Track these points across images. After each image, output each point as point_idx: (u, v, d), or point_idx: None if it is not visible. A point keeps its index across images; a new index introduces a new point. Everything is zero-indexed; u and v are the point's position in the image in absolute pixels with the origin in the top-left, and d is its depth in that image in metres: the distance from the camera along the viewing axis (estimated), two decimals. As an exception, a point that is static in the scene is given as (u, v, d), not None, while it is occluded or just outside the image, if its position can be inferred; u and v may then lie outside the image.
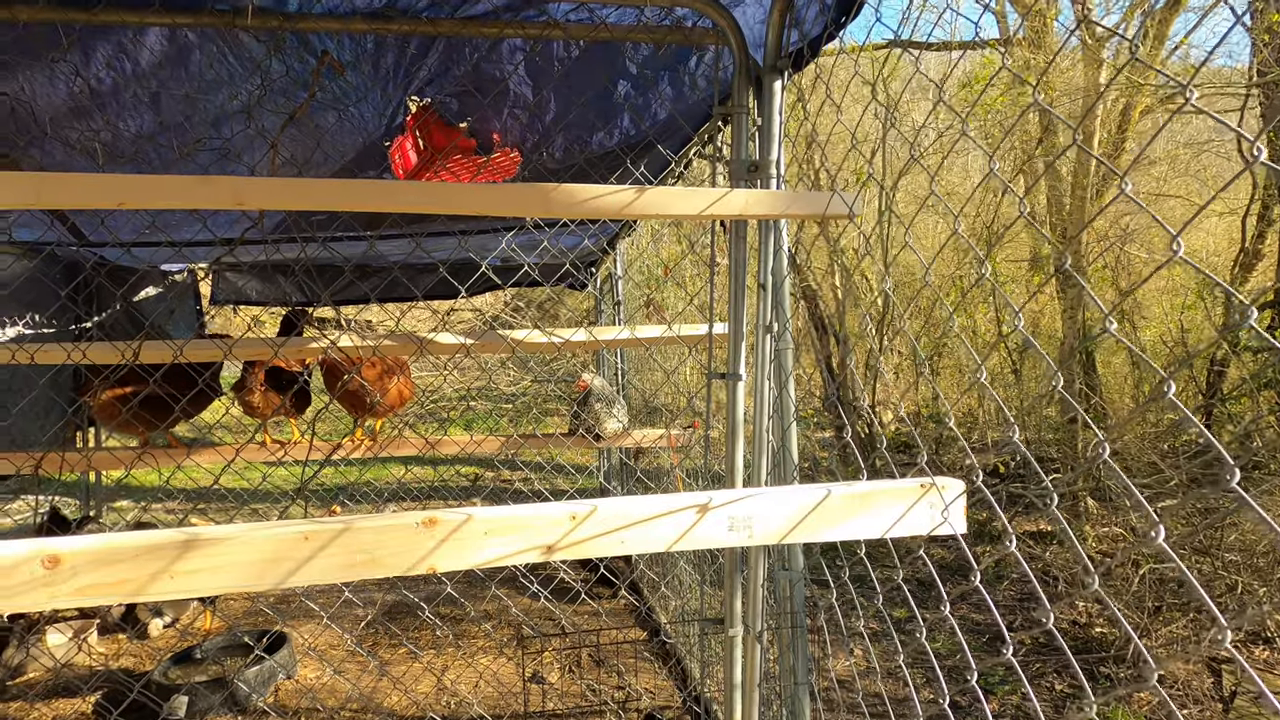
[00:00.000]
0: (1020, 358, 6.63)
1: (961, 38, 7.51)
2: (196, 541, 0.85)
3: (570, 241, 3.25)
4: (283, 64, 1.86)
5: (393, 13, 1.73)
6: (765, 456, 1.78)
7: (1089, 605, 4.30)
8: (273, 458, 2.24)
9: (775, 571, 1.91)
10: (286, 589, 2.02)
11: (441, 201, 1.40)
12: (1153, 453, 4.52)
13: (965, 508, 1.04)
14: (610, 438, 2.90)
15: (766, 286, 1.75)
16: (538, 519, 0.92)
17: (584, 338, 2.45)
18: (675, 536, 0.95)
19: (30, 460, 1.97)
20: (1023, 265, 7.56)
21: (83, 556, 0.82)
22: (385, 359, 2.69)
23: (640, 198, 1.35)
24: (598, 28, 1.79)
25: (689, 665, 3.14)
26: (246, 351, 2.15)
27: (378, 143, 2.18)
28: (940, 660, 3.59)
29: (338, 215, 2.38)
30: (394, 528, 0.89)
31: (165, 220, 2.36)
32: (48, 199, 1.24)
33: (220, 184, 1.32)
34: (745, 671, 1.89)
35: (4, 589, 0.80)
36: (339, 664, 3.39)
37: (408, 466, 7.20)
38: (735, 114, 1.78)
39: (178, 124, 1.98)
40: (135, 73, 1.83)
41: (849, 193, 1.49)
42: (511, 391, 10.62)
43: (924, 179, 7.86)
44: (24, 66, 1.74)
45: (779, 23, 1.68)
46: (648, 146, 2.27)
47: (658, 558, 3.73)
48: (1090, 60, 5.69)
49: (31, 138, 1.93)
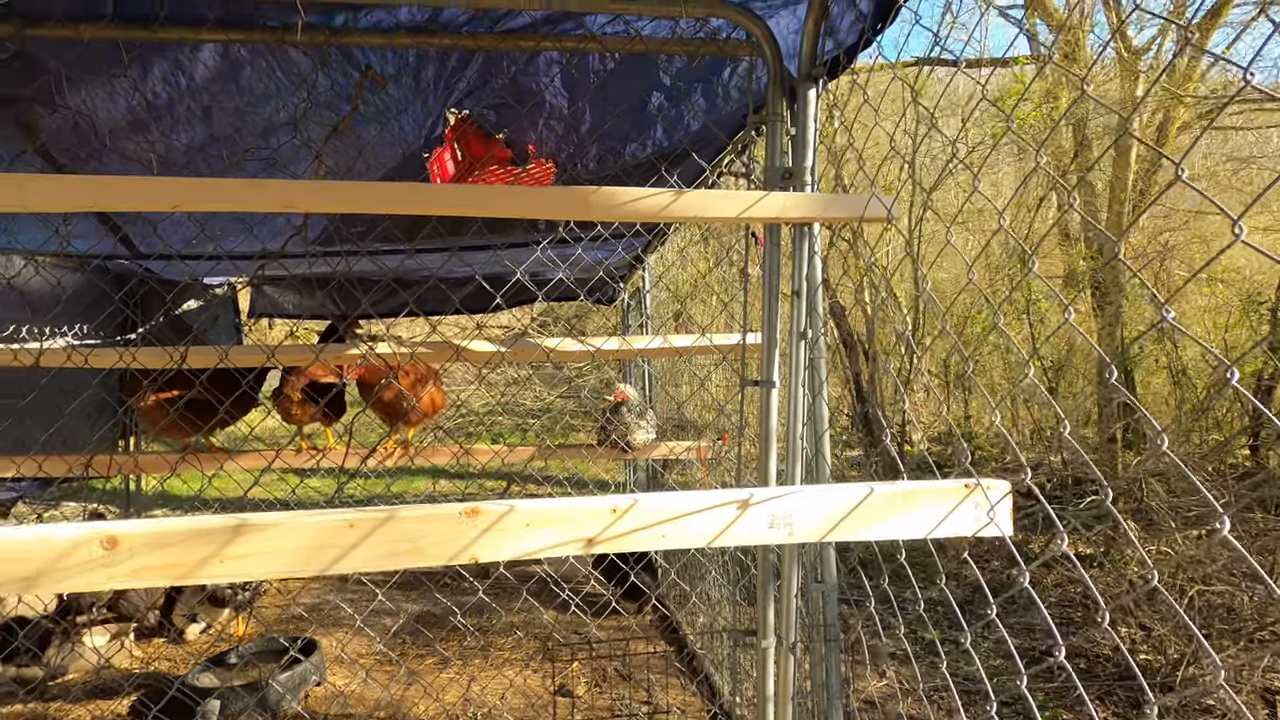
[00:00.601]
0: (1056, 375, 6.49)
1: (991, 54, 7.48)
2: (246, 527, 0.87)
3: (602, 254, 3.28)
4: (328, 78, 1.92)
5: (435, 27, 1.78)
6: (799, 464, 1.76)
7: (1132, 631, 4.15)
8: (311, 463, 2.28)
9: (809, 584, 1.89)
10: (331, 574, 2.02)
11: (483, 204, 1.42)
12: (1198, 473, 4.37)
13: (1011, 509, 1.02)
14: (640, 448, 2.89)
15: (801, 293, 1.74)
16: (579, 511, 0.92)
17: (616, 345, 2.47)
18: (715, 532, 0.95)
19: (81, 461, 2.04)
20: (1057, 282, 7.43)
21: (139, 539, 0.84)
22: (418, 367, 2.73)
23: (678, 200, 1.36)
24: (633, 40, 1.82)
25: (717, 680, 3.09)
26: (288, 357, 2.20)
27: (417, 154, 2.24)
28: (975, 684, 3.49)
29: (376, 226, 2.44)
30: (437, 517, 0.90)
31: (212, 230, 2.43)
32: (108, 201, 1.30)
33: (268, 187, 1.37)
34: (779, 683, 1.86)
35: (64, 569, 0.83)
36: (368, 672, 3.40)
37: (436, 480, 7.26)
38: (770, 122, 1.79)
39: (227, 135, 2.05)
40: (189, 87, 1.90)
41: (885, 197, 1.49)
42: (536, 407, 10.67)
43: (952, 196, 7.79)
44: (87, 82, 1.82)
45: (814, 31, 1.69)
46: (680, 157, 2.29)
47: (686, 572, 3.70)
48: (1127, 73, 5.62)
49: (91, 150, 2.01)
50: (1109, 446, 5.52)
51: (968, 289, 7.45)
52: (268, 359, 2.10)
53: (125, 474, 2.16)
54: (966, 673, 3.56)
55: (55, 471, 2.14)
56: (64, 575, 0.83)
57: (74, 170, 2.10)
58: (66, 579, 0.83)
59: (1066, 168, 6.59)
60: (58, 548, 0.83)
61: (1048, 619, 0.88)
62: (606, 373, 8.26)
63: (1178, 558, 4.38)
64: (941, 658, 1.13)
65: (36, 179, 1.37)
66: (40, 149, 1.92)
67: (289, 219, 2.35)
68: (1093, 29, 5.81)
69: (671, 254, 4.11)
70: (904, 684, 3.46)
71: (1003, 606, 4.57)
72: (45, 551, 0.82)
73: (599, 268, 2.77)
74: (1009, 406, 7.13)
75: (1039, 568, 5.06)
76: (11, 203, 1.32)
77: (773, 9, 1.73)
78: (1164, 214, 6.86)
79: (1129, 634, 4.13)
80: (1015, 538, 5.28)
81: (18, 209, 1.32)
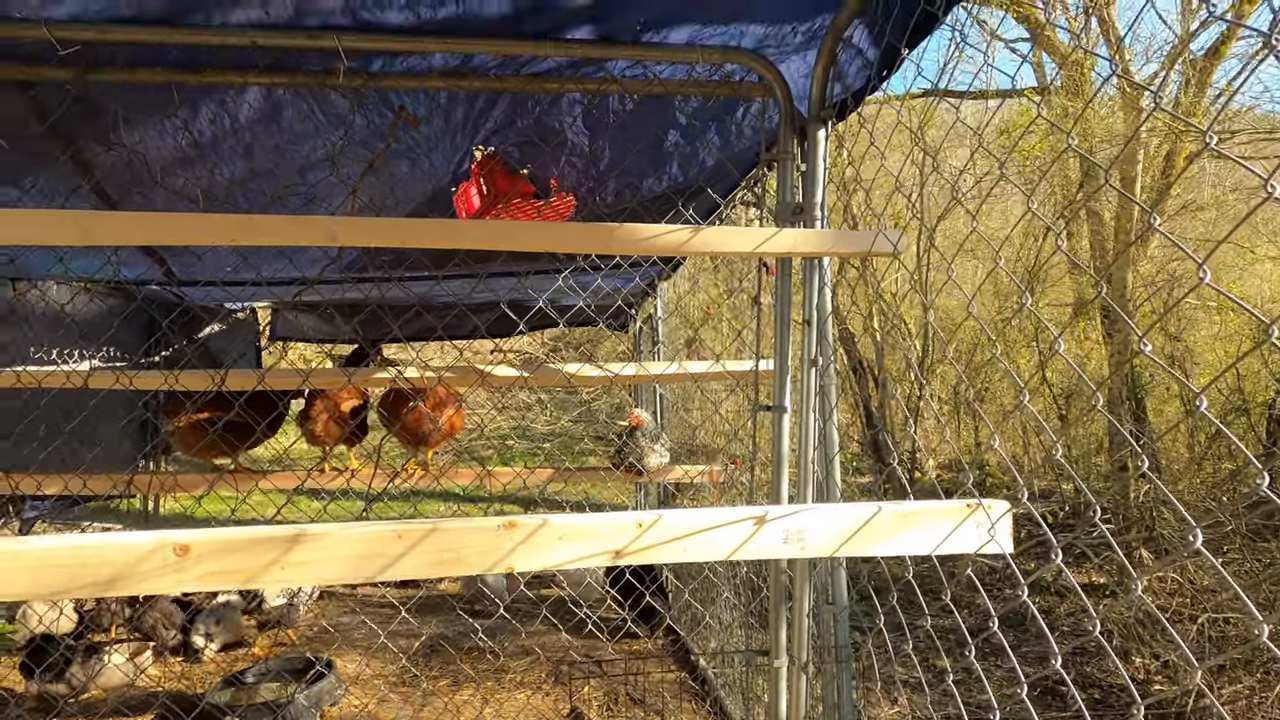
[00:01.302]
0: (1067, 403, 6.51)
1: (997, 87, 7.62)
2: (304, 536, 0.94)
3: (620, 283, 3.38)
4: (364, 118, 2.04)
5: (465, 70, 1.89)
6: (810, 487, 1.82)
7: (1146, 661, 4.12)
8: (339, 484, 2.36)
9: (820, 606, 1.94)
10: (378, 580, 2.09)
11: (513, 239, 1.52)
12: (1210, 501, 4.37)
13: (1012, 528, 1.08)
14: (654, 471, 2.96)
15: (811, 322, 1.82)
16: (607, 526, 0.99)
17: (634, 371, 2.55)
18: (733, 546, 1.02)
19: (124, 479, 2.13)
20: (1066, 309, 7.48)
21: (207, 545, 0.92)
22: (440, 391, 2.82)
23: (696, 236, 1.45)
24: (652, 83, 1.93)
25: (728, 705, 3.11)
26: (320, 380, 2.30)
27: (445, 188, 2.35)
28: (987, 712, 3.48)
29: (406, 255, 2.55)
30: (477, 529, 0.97)
31: (254, 260, 2.55)
32: (168, 236, 1.40)
33: (315, 223, 1.47)
34: (790, 704, 1.90)
35: (140, 573, 0.91)
36: (383, 694, 3.44)
37: (450, 504, 7.31)
38: (781, 160, 1.89)
39: (267, 171, 2.17)
40: (233, 127, 2.02)
41: (892, 232, 1.57)
42: (548, 431, 10.74)
43: (961, 225, 7.89)
44: (141, 122, 1.95)
45: (823, 77, 1.79)
46: (696, 191, 2.40)
47: (698, 594, 3.73)
48: (1130, 107, 5.73)
49: (140, 185, 2.14)
50: (1120, 475, 5.52)
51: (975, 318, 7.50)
52: (301, 382, 2.19)
53: (166, 492, 2.25)
54: (979, 701, 3.55)
55: (99, 489, 2.23)
56: (140, 579, 0.91)
57: (123, 203, 2.22)
58: (142, 582, 0.91)
59: (1074, 197, 6.68)
60: (135, 553, 0.91)
61: (1042, 624, 0.94)
62: (618, 396, 8.33)
63: (1192, 587, 4.36)
64: (952, 686, 1.18)
65: (100, 216, 1.48)
66: (95, 185, 2.04)
67: (325, 249, 2.47)
68: (1095, 64, 5.93)
69: (684, 281, 4.21)
70: (916, 711, 3.45)
71: (1016, 635, 4.55)
72: (124, 556, 0.90)
73: (616, 295, 2.86)
74: (1020, 434, 7.13)
75: (1052, 597, 5.04)
76: (76, 238, 1.42)
77: (784, 55, 1.84)
78: (1170, 243, 6.92)
79: (1143, 664, 4.10)
80: (1028, 566, 5.27)
81: (81, 243, 1.43)
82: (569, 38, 1.72)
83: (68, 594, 0.98)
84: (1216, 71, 5.61)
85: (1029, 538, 5.40)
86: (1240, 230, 7.48)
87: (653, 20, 1.69)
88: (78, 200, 2.11)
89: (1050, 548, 0.86)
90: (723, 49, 1.79)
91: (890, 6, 1.48)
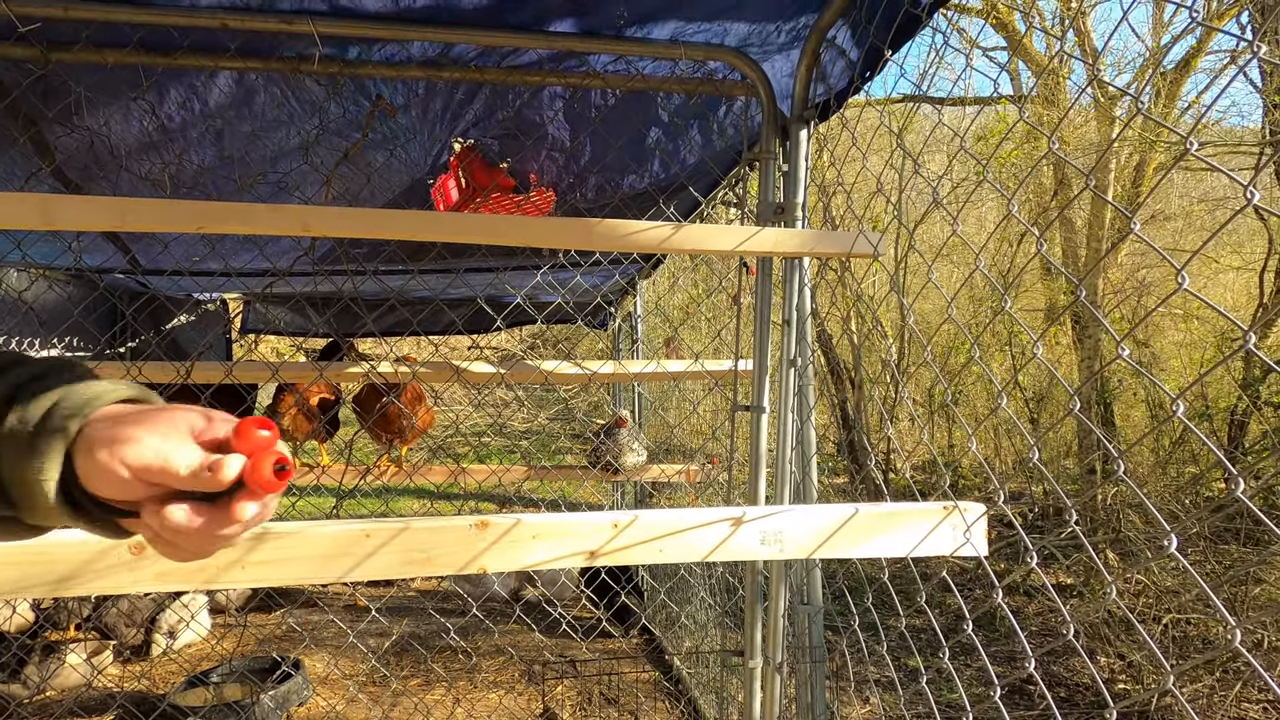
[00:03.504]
0: (1038, 406, 6.62)
1: (976, 93, 7.73)
2: (268, 534, 0.91)
3: (599, 279, 3.35)
4: (340, 106, 1.99)
5: (445, 61, 1.86)
6: (787, 487, 1.82)
7: (1110, 661, 4.20)
8: (309, 480, 2.30)
9: (795, 606, 1.94)
10: (349, 581, 2.05)
11: (493, 233, 1.49)
12: (1174, 504, 4.47)
13: (986, 530, 1.08)
14: (630, 470, 2.94)
15: (791, 322, 1.82)
16: (583, 525, 0.97)
17: (611, 369, 2.53)
18: (710, 547, 1.01)
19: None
20: (1039, 314, 7.60)
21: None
22: (414, 386, 2.78)
23: (677, 234, 1.44)
24: (634, 78, 1.91)
25: (702, 705, 3.11)
26: (290, 374, 2.24)
27: (422, 180, 2.31)
28: (958, 712, 3.52)
29: (381, 248, 2.50)
30: (449, 528, 0.95)
31: (222, 249, 2.49)
32: (133, 221, 1.35)
33: (288, 212, 1.43)
34: (765, 704, 1.89)
35: (94, 571, 0.87)
36: (352, 694, 3.38)
37: (424, 501, 7.23)
38: (763, 159, 1.88)
39: (239, 158, 2.12)
40: (203, 112, 1.97)
41: (872, 234, 1.57)
42: (525, 429, 10.67)
43: (938, 230, 7.99)
44: (105, 104, 1.88)
45: (805, 76, 1.79)
46: (677, 189, 2.38)
47: (674, 595, 3.73)
48: (1103, 117, 5.84)
49: (104, 169, 2.07)
50: (1089, 478, 5.63)
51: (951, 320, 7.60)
52: (271, 375, 2.14)
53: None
54: (950, 700, 3.59)
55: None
56: (94, 578, 0.87)
57: (85, 188, 2.15)
58: (96, 581, 0.87)
59: (1047, 205, 6.80)
60: (89, 551, 0.87)
61: (1014, 623, 0.94)
62: (596, 395, 8.30)
63: (1155, 588, 4.46)
64: (925, 687, 1.18)
65: (62, 199, 1.42)
66: (55, 168, 1.97)
67: (297, 240, 2.41)
68: (1070, 74, 6.04)
69: (664, 280, 4.20)
70: (887, 710, 3.48)
71: (985, 634, 4.61)
72: (78, 554, 0.86)
73: (596, 293, 2.84)
74: (991, 437, 7.24)
75: (1021, 597, 5.12)
76: (37, 221, 1.37)
77: (768, 54, 1.84)
78: (1142, 251, 7.07)
79: (1108, 663, 4.18)
80: (999, 567, 5.35)
81: (43, 227, 1.37)
82: (551, 30, 1.70)
83: (19, 593, 0.93)
84: (1185, 84, 5.74)
85: (999, 539, 5.49)
86: (1199, 241, 7.68)
87: (636, 15, 1.67)
88: (36, 185, 2.03)
89: (1023, 549, 0.86)
90: (706, 46, 1.78)
91: (874, 7, 1.48)
